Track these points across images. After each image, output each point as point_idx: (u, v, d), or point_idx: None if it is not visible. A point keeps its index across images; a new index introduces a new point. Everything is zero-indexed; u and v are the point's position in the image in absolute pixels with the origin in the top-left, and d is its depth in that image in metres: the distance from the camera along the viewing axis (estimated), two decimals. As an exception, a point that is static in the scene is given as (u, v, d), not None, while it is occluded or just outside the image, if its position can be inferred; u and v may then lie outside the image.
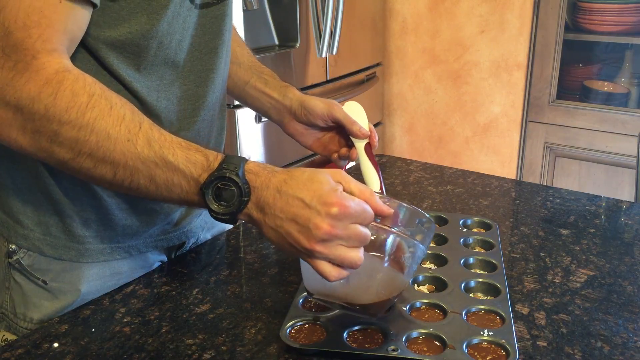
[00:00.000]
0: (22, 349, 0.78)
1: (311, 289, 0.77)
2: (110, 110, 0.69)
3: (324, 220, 0.66)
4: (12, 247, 0.88)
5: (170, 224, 0.97)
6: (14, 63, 0.66)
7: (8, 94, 0.67)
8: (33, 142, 0.69)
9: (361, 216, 0.68)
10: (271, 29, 2.21)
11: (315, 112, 1.01)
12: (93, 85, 0.69)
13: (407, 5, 2.85)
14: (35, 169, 0.84)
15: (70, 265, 0.88)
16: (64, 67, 0.68)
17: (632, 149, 2.39)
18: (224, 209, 0.70)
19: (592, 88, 2.68)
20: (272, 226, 0.69)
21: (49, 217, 0.87)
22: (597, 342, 0.78)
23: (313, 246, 0.66)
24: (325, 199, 0.66)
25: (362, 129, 0.98)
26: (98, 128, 0.68)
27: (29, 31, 0.66)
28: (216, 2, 0.88)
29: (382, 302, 0.75)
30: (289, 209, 0.67)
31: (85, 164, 0.69)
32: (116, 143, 0.68)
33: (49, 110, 0.67)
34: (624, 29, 2.49)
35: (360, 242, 0.68)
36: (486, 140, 2.81)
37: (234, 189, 0.69)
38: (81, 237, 0.88)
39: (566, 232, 1.08)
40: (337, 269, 0.68)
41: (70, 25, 0.70)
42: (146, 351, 0.77)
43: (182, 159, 0.70)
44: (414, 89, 2.95)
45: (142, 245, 0.94)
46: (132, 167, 0.69)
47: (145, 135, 0.69)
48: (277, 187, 0.69)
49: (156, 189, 0.71)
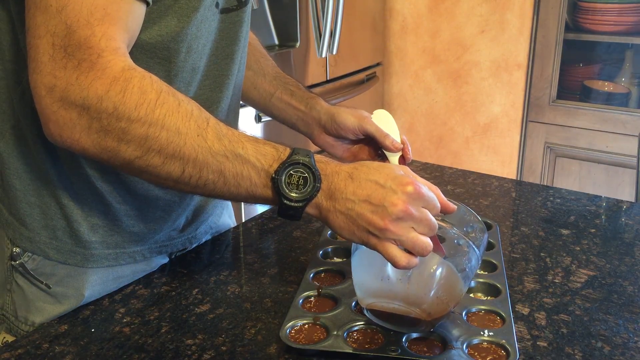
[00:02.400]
0: (22, 349, 0.77)
1: (367, 293, 0.76)
2: (179, 107, 0.68)
3: (399, 198, 0.67)
4: (16, 250, 0.88)
5: (176, 230, 0.97)
6: (77, 62, 0.65)
7: (73, 94, 0.65)
8: (98, 142, 0.68)
9: (431, 202, 0.69)
10: (271, 29, 2.21)
11: (346, 126, 1.00)
12: (159, 82, 0.69)
13: (407, 5, 2.85)
14: (45, 172, 0.83)
15: (74, 270, 0.88)
16: (129, 65, 0.68)
17: (633, 149, 2.39)
18: (297, 196, 0.70)
19: (593, 88, 2.67)
20: (342, 210, 0.69)
21: (56, 221, 0.86)
22: (598, 343, 0.78)
23: (387, 225, 0.67)
24: (400, 179, 0.68)
25: (394, 142, 0.98)
26: (168, 124, 0.67)
27: (92, 29, 0.65)
28: (236, 7, 0.87)
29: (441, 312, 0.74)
30: (362, 191, 0.68)
31: (152, 161, 0.69)
32: (187, 138, 0.68)
33: (118, 108, 0.66)
34: (625, 29, 2.49)
35: (429, 229, 0.68)
36: (486, 140, 2.81)
37: (307, 175, 0.69)
38: (87, 242, 0.87)
39: (566, 232, 1.08)
40: (406, 254, 0.68)
41: (130, 23, 0.70)
42: (146, 351, 0.76)
43: (252, 152, 0.70)
44: (414, 89, 2.95)
45: (147, 251, 0.94)
46: (201, 162, 0.69)
47: (213, 130, 0.69)
48: (349, 173, 0.70)
49: (224, 184, 0.71)
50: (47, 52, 0.65)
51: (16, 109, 0.81)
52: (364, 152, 1.04)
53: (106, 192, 0.85)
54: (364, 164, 0.71)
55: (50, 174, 0.83)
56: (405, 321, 0.75)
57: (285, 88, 1.07)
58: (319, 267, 0.93)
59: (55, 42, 0.65)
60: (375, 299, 0.75)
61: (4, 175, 0.85)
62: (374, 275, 0.73)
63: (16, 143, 0.83)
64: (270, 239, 1.09)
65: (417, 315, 0.73)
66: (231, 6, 0.87)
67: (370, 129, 0.99)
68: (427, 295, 0.73)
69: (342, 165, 0.72)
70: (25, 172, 0.84)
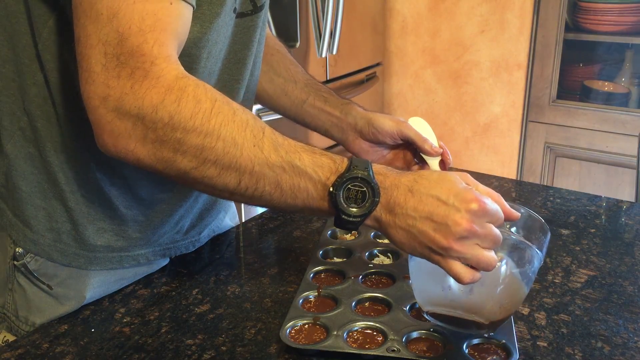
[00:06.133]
0: (22, 349, 0.77)
1: (428, 301, 0.75)
2: (234, 116, 0.67)
3: (463, 217, 0.65)
4: (18, 251, 0.87)
5: (180, 233, 0.97)
6: (131, 70, 0.64)
7: (127, 103, 0.64)
8: (153, 153, 0.66)
9: (495, 216, 0.67)
10: (271, 29, 2.21)
11: (385, 130, 0.99)
12: (212, 90, 0.67)
13: (407, 5, 2.85)
14: (53, 175, 0.83)
15: (77, 272, 0.88)
16: (182, 73, 0.66)
17: (633, 149, 2.39)
18: (356, 211, 0.68)
19: (593, 88, 2.67)
20: (403, 226, 0.67)
21: (61, 224, 0.85)
22: (598, 343, 0.78)
23: (451, 244, 0.65)
24: (463, 195, 0.66)
25: (434, 147, 0.97)
26: (224, 134, 0.65)
27: (145, 36, 0.64)
28: (250, 12, 0.86)
29: (503, 317, 0.73)
30: (423, 207, 0.66)
31: (208, 172, 0.67)
32: (243, 149, 0.66)
33: (174, 118, 0.64)
34: (625, 29, 2.49)
35: (494, 244, 0.67)
36: (486, 140, 2.81)
37: (365, 189, 0.68)
38: (92, 245, 0.87)
39: (566, 232, 1.08)
40: (470, 270, 0.66)
41: (179, 28, 0.68)
42: (146, 351, 0.76)
43: (309, 163, 0.69)
44: (414, 89, 2.95)
45: (150, 254, 0.93)
46: (258, 174, 0.67)
47: (270, 140, 0.68)
48: (409, 187, 0.68)
49: (281, 196, 0.69)
50: (100, 62, 0.64)
51: (28, 111, 0.81)
52: (399, 159, 1.03)
53: (114, 197, 0.85)
54: (423, 175, 0.69)
55: (58, 177, 0.83)
56: (467, 324, 0.74)
57: (317, 94, 1.06)
58: (319, 267, 0.93)
59: (107, 51, 0.64)
60: (437, 307, 0.75)
61: (10, 176, 0.85)
62: (434, 284, 0.71)
63: (24, 145, 0.83)
64: (270, 239, 1.09)
65: (478, 321, 0.73)
66: (246, 11, 0.85)
67: (409, 134, 0.98)
68: (489, 304, 0.72)
69: (401, 176, 0.69)
70: (31, 175, 0.84)
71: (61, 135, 0.81)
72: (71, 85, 0.78)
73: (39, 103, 0.80)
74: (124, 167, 0.84)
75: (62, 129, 0.81)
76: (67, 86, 0.78)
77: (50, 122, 0.80)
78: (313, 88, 1.08)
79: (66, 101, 0.79)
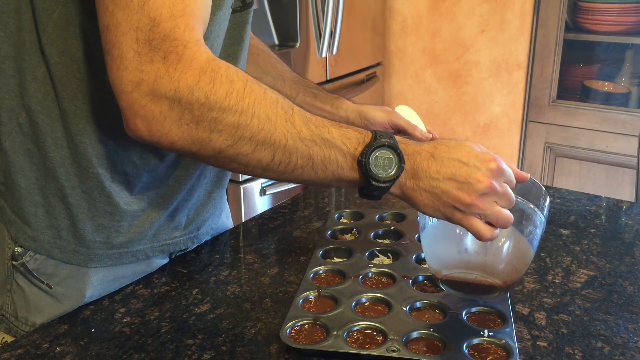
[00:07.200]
0: (22, 349, 0.77)
1: (444, 265, 0.80)
2: (265, 94, 0.70)
3: (485, 174, 0.71)
4: (17, 250, 0.87)
5: (178, 229, 0.97)
6: (164, 54, 0.65)
7: (163, 87, 0.66)
8: (189, 134, 0.68)
9: (510, 176, 0.73)
10: (271, 29, 2.21)
11: (377, 120, 1.04)
12: (242, 72, 0.70)
13: (407, 5, 2.85)
14: (53, 171, 0.83)
15: (76, 270, 0.88)
16: (211, 56, 0.68)
17: (633, 149, 2.39)
18: (384, 176, 0.72)
19: (593, 88, 2.67)
20: (427, 188, 0.72)
21: (60, 220, 0.86)
22: (598, 343, 0.78)
23: (474, 200, 0.70)
24: (482, 156, 0.72)
25: (424, 133, 1.03)
26: (258, 112, 0.68)
27: (176, 21, 0.66)
28: (240, 8, 0.88)
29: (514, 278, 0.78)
30: (446, 169, 0.72)
31: (243, 149, 0.69)
32: (276, 125, 0.69)
33: (210, 98, 0.66)
34: (624, 29, 2.49)
35: (509, 203, 0.73)
36: (486, 140, 2.81)
37: (392, 156, 0.72)
38: (91, 242, 0.87)
39: (566, 232, 1.08)
40: (490, 227, 0.72)
41: (204, 13, 0.71)
42: (146, 351, 0.76)
43: (337, 135, 0.72)
44: (414, 89, 2.95)
45: (149, 249, 0.94)
46: (291, 148, 0.70)
47: (300, 116, 0.71)
48: (430, 152, 0.73)
49: (312, 168, 0.72)
50: (132, 48, 0.65)
51: (27, 107, 0.81)
52: None
53: (114, 193, 0.85)
54: (442, 142, 0.74)
55: (58, 172, 0.83)
56: (480, 289, 0.79)
57: (306, 91, 1.09)
58: (319, 267, 0.93)
59: (139, 37, 0.65)
60: (453, 270, 0.79)
61: (9, 173, 0.85)
62: (451, 249, 0.77)
63: (23, 141, 0.83)
64: (270, 239, 1.09)
65: (494, 283, 0.78)
66: (237, 7, 0.87)
67: (400, 122, 1.04)
68: (503, 265, 0.78)
69: (422, 144, 0.74)
70: (30, 171, 0.84)
71: (63, 130, 0.81)
72: (76, 79, 0.78)
73: (39, 99, 0.80)
74: (125, 162, 0.85)
75: (65, 124, 0.81)
76: (72, 80, 0.79)
77: (52, 117, 0.80)
78: (301, 85, 1.10)
79: (71, 95, 0.79)
